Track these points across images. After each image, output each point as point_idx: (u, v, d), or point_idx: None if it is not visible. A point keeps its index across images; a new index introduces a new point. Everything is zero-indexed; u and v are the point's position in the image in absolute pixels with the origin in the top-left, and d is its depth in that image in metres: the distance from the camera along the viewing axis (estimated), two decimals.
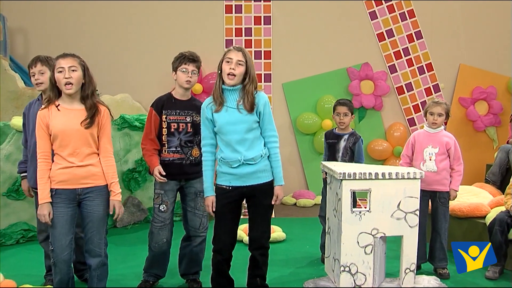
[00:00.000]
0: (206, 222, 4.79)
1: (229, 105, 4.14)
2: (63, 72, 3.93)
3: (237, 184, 4.18)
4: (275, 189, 4.26)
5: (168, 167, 4.61)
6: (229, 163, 4.15)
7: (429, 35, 8.87)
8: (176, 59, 4.66)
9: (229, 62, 4.10)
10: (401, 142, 8.57)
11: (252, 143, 4.15)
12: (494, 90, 8.87)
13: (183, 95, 4.69)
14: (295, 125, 8.57)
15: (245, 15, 8.55)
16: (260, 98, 4.19)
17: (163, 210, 4.67)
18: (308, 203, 7.99)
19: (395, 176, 4.50)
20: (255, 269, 4.37)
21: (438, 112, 5.28)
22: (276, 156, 4.26)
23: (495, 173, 6.98)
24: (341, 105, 5.42)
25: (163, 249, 4.75)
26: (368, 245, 4.55)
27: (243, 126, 4.12)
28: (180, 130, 4.63)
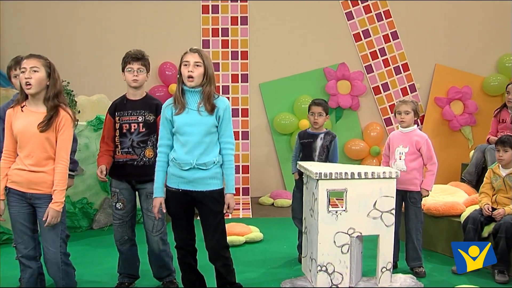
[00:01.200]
0: (160, 225, 4.68)
1: (190, 107, 4.10)
2: (24, 72, 3.91)
3: (186, 188, 4.11)
4: (226, 197, 4.16)
5: (121, 169, 4.58)
6: (180, 164, 4.08)
7: (405, 36, 8.93)
8: (122, 59, 4.62)
9: (187, 65, 4.07)
10: (378, 142, 8.64)
11: (207, 148, 4.09)
12: (469, 90, 8.96)
13: (135, 94, 4.64)
14: (272, 125, 8.58)
15: (222, 15, 8.54)
16: (221, 102, 4.15)
17: (120, 208, 4.62)
18: (286, 203, 7.99)
19: (371, 175, 4.53)
20: (222, 279, 4.32)
21: (405, 110, 5.31)
22: (230, 164, 4.18)
23: (471, 173, 7.03)
24: (316, 105, 5.45)
25: (126, 246, 4.71)
26: (344, 245, 4.56)
27: (202, 128, 4.07)
28: (132, 131, 4.58)
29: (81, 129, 6.50)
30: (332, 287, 4.58)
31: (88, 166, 6.45)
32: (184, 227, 4.25)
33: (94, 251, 5.96)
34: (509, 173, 5.45)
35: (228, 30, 8.56)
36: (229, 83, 8.55)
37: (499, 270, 5.19)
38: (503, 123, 7.07)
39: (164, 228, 4.72)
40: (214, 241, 4.20)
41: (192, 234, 4.31)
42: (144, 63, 4.62)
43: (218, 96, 4.18)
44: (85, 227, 6.74)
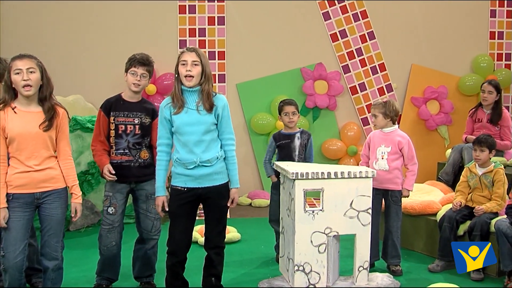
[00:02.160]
0: (158, 225, 4.75)
1: (189, 107, 4.13)
2: (20, 73, 3.86)
3: (193, 185, 4.17)
4: (231, 191, 4.28)
5: (117, 170, 4.56)
6: (184, 164, 4.14)
7: (381, 36, 8.97)
8: (128, 60, 4.61)
9: (185, 64, 4.10)
10: (355, 142, 8.67)
11: (209, 145, 4.15)
12: (445, 89, 9.01)
13: (133, 97, 4.64)
14: (249, 126, 8.57)
15: (199, 15, 8.50)
16: (220, 100, 4.21)
17: (112, 212, 4.61)
18: (263, 203, 7.98)
19: (347, 175, 4.55)
20: (210, 268, 4.37)
21: (373, 113, 5.38)
22: (232, 159, 4.28)
23: (449, 173, 7.07)
24: (289, 105, 5.48)
25: (113, 252, 4.68)
26: (321, 244, 4.59)
27: (201, 127, 4.12)
28: (128, 132, 4.58)
29: None
30: (310, 286, 4.60)
31: None
32: (182, 231, 4.27)
33: (71, 253, 5.89)
34: (485, 172, 5.50)
35: (205, 30, 8.52)
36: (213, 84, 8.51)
37: None
38: (479, 123, 7.14)
39: (161, 228, 4.77)
40: (215, 232, 4.31)
41: (189, 242, 4.33)
42: (149, 69, 4.62)
43: (216, 94, 4.25)
44: None
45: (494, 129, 6.95)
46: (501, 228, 4.93)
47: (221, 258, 4.40)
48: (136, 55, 4.61)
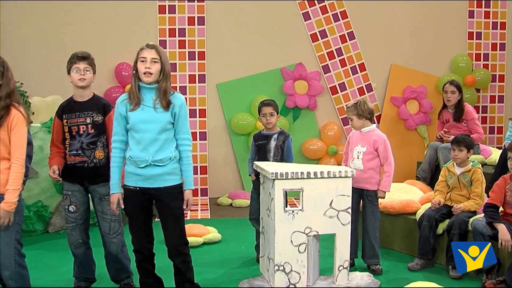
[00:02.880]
0: (117, 227, 4.63)
1: (146, 104, 4.09)
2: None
3: (144, 185, 4.11)
4: (185, 193, 4.19)
5: (72, 171, 4.52)
6: (136, 162, 4.08)
7: (361, 36, 9.01)
8: (68, 61, 4.58)
9: (144, 61, 4.06)
10: (335, 141, 8.70)
11: (163, 144, 4.10)
12: (424, 89, 9.08)
13: (82, 95, 4.58)
14: (229, 126, 8.57)
15: (178, 15, 8.49)
16: (177, 99, 4.16)
17: (73, 210, 4.56)
18: (244, 204, 7.97)
19: (327, 175, 4.56)
20: (180, 276, 4.32)
21: (348, 117, 5.41)
22: (187, 160, 4.19)
23: (425, 170, 7.15)
24: (266, 106, 5.47)
25: (81, 250, 4.64)
26: (301, 244, 4.59)
27: (157, 125, 4.07)
28: (81, 133, 4.51)
29: (36, 131, 6.38)
30: (290, 286, 4.60)
31: (43, 169, 6.33)
32: (141, 228, 4.23)
33: (50, 255, 5.87)
34: (463, 172, 5.54)
35: (185, 31, 8.51)
36: (186, 84, 8.50)
37: (453, 266, 5.27)
38: (447, 123, 7.26)
39: (121, 229, 4.67)
40: (174, 238, 4.21)
41: (150, 237, 4.29)
42: (90, 62, 4.56)
43: (174, 93, 4.19)
44: (40, 230, 6.62)
45: (463, 126, 7.07)
46: (477, 227, 4.96)
47: (189, 264, 4.32)
48: (75, 53, 4.58)
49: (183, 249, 4.26)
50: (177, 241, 4.22)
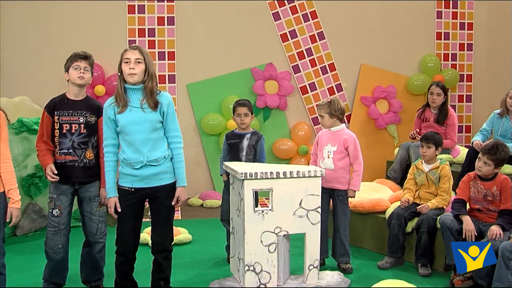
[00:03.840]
0: (103, 228, 4.66)
1: (133, 105, 4.11)
2: None
3: (140, 185, 4.16)
4: (177, 190, 4.26)
5: (61, 170, 4.46)
6: (131, 164, 4.12)
7: (331, 36, 9.04)
8: (68, 58, 4.56)
9: (128, 62, 4.10)
10: (306, 141, 8.72)
11: (155, 144, 4.15)
12: (394, 89, 9.14)
13: (77, 94, 4.56)
14: (200, 126, 8.53)
15: (148, 15, 8.43)
16: (164, 97, 4.20)
17: (56, 214, 4.51)
18: (215, 204, 7.95)
19: (296, 174, 4.57)
20: (159, 273, 4.35)
21: (319, 114, 5.41)
22: (179, 157, 4.27)
23: (396, 170, 7.20)
24: (241, 106, 5.48)
25: (60, 255, 4.59)
26: (271, 244, 4.59)
27: (147, 125, 4.10)
28: (73, 132, 4.49)
29: None
30: (260, 286, 4.60)
31: None
32: (130, 231, 4.25)
33: (18, 258, 5.78)
34: (431, 169, 5.62)
35: (154, 31, 8.45)
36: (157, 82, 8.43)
37: (422, 264, 5.35)
38: (426, 122, 7.29)
39: (106, 231, 4.69)
40: (162, 234, 4.28)
41: (136, 241, 4.32)
42: (90, 63, 4.57)
43: (160, 92, 4.24)
44: (8, 233, 6.52)
45: (441, 129, 7.09)
46: (446, 222, 5.03)
47: (169, 262, 4.38)
48: (76, 51, 4.57)
49: (168, 245, 4.33)
50: (165, 238, 4.30)
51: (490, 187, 5.04)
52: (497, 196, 5.02)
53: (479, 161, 5.07)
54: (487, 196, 5.06)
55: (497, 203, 5.03)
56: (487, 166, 5.02)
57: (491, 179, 5.07)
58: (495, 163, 5.03)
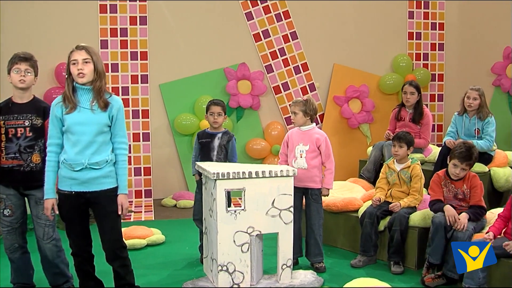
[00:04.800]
0: (51, 232, 4.53)
1: (83, 106, 4.04)
2: None
3: (79, 189, 4.05)
4: (119, 197, 4.12)
5: (7, 175, 4.40)
6: (71, 165, 4.01)
7: (304, 36, 9.07)
8: (9, 60, 4.47)
9: (75, 63, 4.01)
10: (279, 141, 8.70)
11: (100, 147, 4.05)
12: (366, 88, 9.20)
13: (22, 97, 4.47)
14: (173, 126, 8.50)
15: (120, 15, 8.36)
16: (115, 101, 4.12)
17: (8, 214, 4.45)
18: (189, 204, 7.91)
19: (268, 174, 4.57)
20: (120, 280, 4.28)
21: (292, 111, 5.41)
22: (123, 164, 4.15)
23: (370, 170, 7.22)
24: (215, 105, 5.47)
25: (17, 254, 4.53)
26: (244, 244, 4.59)
27: (94, 127, 4.02)
28: (19, 136, 4.40)
29: None
30: (234, 286, 4.59)
31: None
32: (79, 232, 4.17)
33: None
34: (403, 168, 5.66)
35: (126, 30, 8.39)
36: (128, 84, 8.38)
37: (395, 262, 5.39)
38: (402, 121, 7.34)
39: (56, 234, 4.57)
40: (111, 242, 4.15)
41: (88, 240, 4.24)
42: (32, 64, 4.46)
43: (111, 95, 4.14)
44: None
45: (416, 128, 7.15)
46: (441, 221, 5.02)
47: (128, 268, 4.29)
48: (17, 53, 4.48)
49: (121, 252, 4.21)
50: (115, 245, 4.17)
51: (461, 186, 5.11)
52: (467, 194, 5.09)
53: (456, 167, 5.11)
54: (458, 194, 5.13)
55: (467, 200, 5.11)
56: (464, 171, 5.13)
57: (461, 178, 5.14)
58: (471, 166, 5.18)
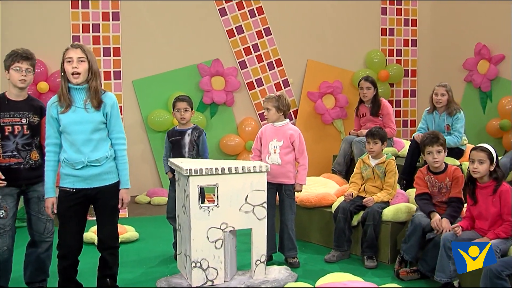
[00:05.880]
0: (51, 227, 4.57)
1: (77, 105, 4.02)
2: None
3: (81, 186, 4.07)
4: (121, 192, 4.19)
5: (6, 173, 4.34)
6: (72, 164, 4.03)
7: (277, 32, 9.07)
8: (8, 56, 4.38)
9: (70, 61, 3.99)
10: (253, 137, 8.63)
11: (97, 144, 4.06)
12: (340, 84, 9.23)
13: (18, 95, 4.42)
14: (146, 123, 8.45)
15: (92, 10, 8.28)
16: (108, 98, 4.11)
17: (2, 216, 4.38)
18: (163, 201, 7.86)
19: (241, 170, 4.57)
20: (105, 269, 4.30)
21: (265, 107, 5.41)
22: (123, 159, 4.19)
23: (340, 163, 7.29)
24: (181, 101, 5.47)
25: (4, 257, 4.46)
26: (218, 240, 4.58)
27: (89, 126, 4.02)
28: (16, 133, 4.36)
29: None
30: (207, 282, 4.59)
31: None
32: (73, 233, 4.15)
33: None
34: (378, 163, 5.69)
35: (99, 26, 8.31)
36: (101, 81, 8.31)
37: (368, 256, 5.42)
38: (364, 117, 7.44)
39: (54, 230, 4.57)
40: (107, 231, 4.22)
41: (79, 244, 4.23)
42: (32, 63, 4.41)
43: (105, 92, 4.14)
44: None
45: (378, 120, 7.26)
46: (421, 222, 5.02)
47: (116, 258, 4.34)
48: (17, 50, 4.39)
49: (114, 242, 4.29)
50: (111, 235, 4.25)
51: (444, 180, 5.13)
52: (450, 187, 5.12)
53: (431, 154, 5.12)
54: (442, 188, 5.15)
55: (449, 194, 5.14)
56: (440, 154, 5.13)
57: (443, 171, 5.17)
58: (444, 147, 5.17)
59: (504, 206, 4.49)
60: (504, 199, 4.49)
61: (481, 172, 4.57)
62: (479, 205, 4.65)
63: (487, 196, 4.60)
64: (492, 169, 4.59)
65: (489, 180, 4.61)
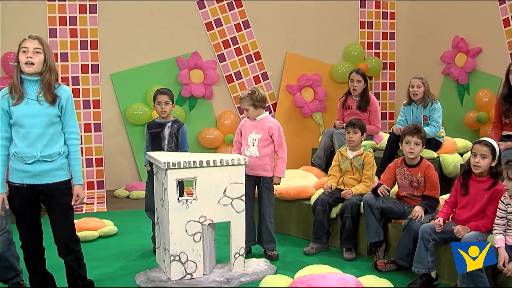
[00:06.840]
0: (4, 224, 4.41)
1: (29, 97, 3.92)
2: None
3: (31, 182, 3.96)
4: (75, 188, 4.05)
5: None
6: (23, 158, 3.91)
7: (256, 25, 9.06)
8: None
9: (26, 51, 3.89)
10: (232, 130, 8.71)
11: (51, 139, 3.96)
12: (319, 77, 9.25)
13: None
14: (125, 116, 8.40)
15: (69, 3, 8.18)
16: (63, 91, 4.01)
17: None
18: (142, 195, 7.82)
19: (220, 163, 4.57)
20: (73, 274, 4.21)
21: (243, 108, 5.39)
22: (75, 154, 4.07)
23: (321, 157, 7.29)
24: (162, 94, 5.44)
25: None
26: (196, 233, 4.59)
27: (44, 119, 3.92)
28: None
29: None
30: (186, 276, 4.59)
31: None
32: (29, 225, 4.08)
33: None
34: (356, 156, 5.71)
35: (76, 19, 8.23)
36: (79, 74, 8.23)
37: (347, 248, 5.45)
38: (349, 110, 7.39)
39: (8, 227, 4.45)
40: (63, 235, 4.08)
41: (38, 232, 4.15)
42: None
43: (60, 85, 4.03)
44: None
45: (364, 115, 7.21)
46: (367, 200, 5.15)
47: (80, 261, 4.21)
48: None
49: (74, 246, 4.14)
50: (68, 238, 4.10)
51: (415, 173, 5.16)
52: (422, 182, 5.14)
53: (409, 144, 5.14)
54: (413, 182, 5.18)
55: (421, 189, 5.15)
56: (418, 146, 5.15)
57: (417, 165, 5.19)
58: (423, 141, 5.18)
59: (492, 204, 4.46)
60: (494, 198, 4.46)
61: (482, 167, 4.53)
62: (469, 196, 4.62)
63: (481, 190, 4.56)
64: (493, 165, 4.55)
65: (486, 176, 4.57)
